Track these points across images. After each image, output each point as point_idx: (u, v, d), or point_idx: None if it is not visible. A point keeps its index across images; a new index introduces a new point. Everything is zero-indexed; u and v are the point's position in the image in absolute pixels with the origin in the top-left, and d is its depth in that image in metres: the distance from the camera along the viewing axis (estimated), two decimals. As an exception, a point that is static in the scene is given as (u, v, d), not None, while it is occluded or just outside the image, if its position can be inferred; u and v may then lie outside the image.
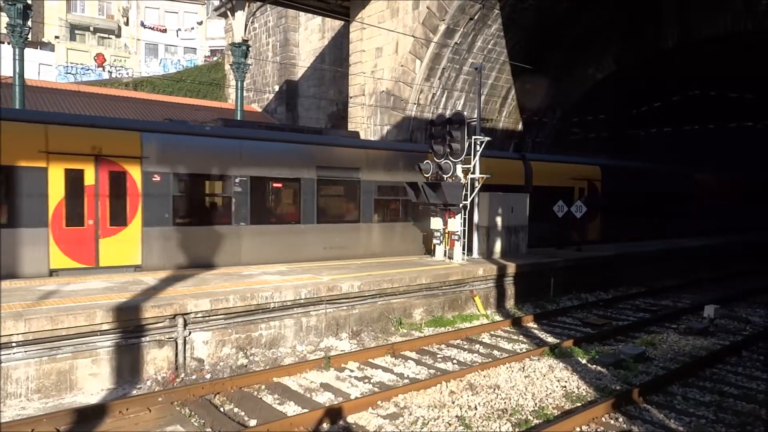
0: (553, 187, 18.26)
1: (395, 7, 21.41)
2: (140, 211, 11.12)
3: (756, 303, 14.46)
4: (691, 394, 7.66)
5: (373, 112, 22.52)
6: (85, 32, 55.64)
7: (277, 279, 10.44)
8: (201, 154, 12.02)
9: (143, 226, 11.17)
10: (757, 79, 23.42)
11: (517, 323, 11.49)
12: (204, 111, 35.99)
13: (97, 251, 10.83)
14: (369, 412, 6.80)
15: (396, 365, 8.76)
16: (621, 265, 16.57)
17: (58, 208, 10.41)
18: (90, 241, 10.77)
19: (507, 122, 24.16)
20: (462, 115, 13.64)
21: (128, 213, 11.05)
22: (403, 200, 14.87)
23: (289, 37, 36.92)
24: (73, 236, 10.59)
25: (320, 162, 13.52)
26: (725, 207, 26.41)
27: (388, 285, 10.81)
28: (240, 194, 12.29)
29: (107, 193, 10.84)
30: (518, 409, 6.98)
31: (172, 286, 9.39)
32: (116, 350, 7.65)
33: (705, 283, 17.46)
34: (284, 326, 9.44)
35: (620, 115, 26.25)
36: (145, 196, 11.15)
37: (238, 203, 12.27)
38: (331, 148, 14.05)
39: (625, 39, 22.02)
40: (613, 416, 6.81)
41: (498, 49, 21.43)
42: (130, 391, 7.50)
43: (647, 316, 12.61)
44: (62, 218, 10.45)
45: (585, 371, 8.53)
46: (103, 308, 7.56)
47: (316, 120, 35.53)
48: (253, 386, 7.63)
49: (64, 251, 10.53)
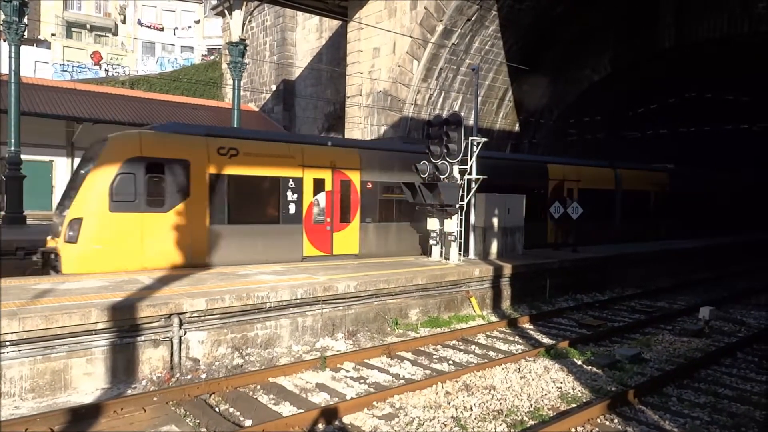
0: (637, 190, 21.63)
1: (393, 7, 21.42)
2: (359, 211, 14.15)
3: (750, 305, 14.52)
4: (686, 395, 7.69)
5: (370, 113, 22.52)
6: (81, 30, 55.47)
7: (273, 279, 10.43)
8: (395, 167, 14.80)
9: (360, 223, 14.19)
10: (753, 82, 23.51)
11: (513, 324, 11.51)
12: (201, 110, 35.93)
13: (332, 243, 13.79)
14: (364, 413, 6.79)
15: (392, 366, 8.76)
16: (616, 266, 16.62)
17: (309, 208, 13.29)
18: (328, 234, 13.73)
19: (504, 123, 24.21)
20: (459, 116, 13.64)
21: (351, 213, 14.05)
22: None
23: (287, 37, 36.88)
24: (318, 231, 13.51)
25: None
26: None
27: (385, 285, 10.81)
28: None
29: (339, 196, 13.79)
30: (514, 410, 6.98)
31: (168, 286, 9.37)
32: (111, 349, 7.62)
33: (700, 284, 17.52)
34: (280, 326, 9.43)
35: (617, 117, 26.33)
36: (362, 199, 14.18)
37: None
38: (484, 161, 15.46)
39: (622, 41, 22.09)
40: (609, 417, 6.82)
41: (495, 50, 21.47)
42: (125, 390, 7.47)
43: (642, 317, 12.64)
44: (311, 216, 13.35)
45: (580, 372, 8.55)
46: (98, 307, 7.53)
47: (312, 120, 35.51)
48: (248, 386, 7.62)
49: (312, 242, 13.43)
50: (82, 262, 10.46)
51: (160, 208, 11.08)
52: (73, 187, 11.37)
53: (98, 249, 10.56)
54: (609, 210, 20.63)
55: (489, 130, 22.83)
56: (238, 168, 12.00)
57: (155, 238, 11.02)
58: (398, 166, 14.83)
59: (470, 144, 13.64)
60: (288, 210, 12.93)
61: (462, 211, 13.78)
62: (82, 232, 10.38)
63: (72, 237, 10.40)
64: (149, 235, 10.96)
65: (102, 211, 10.55)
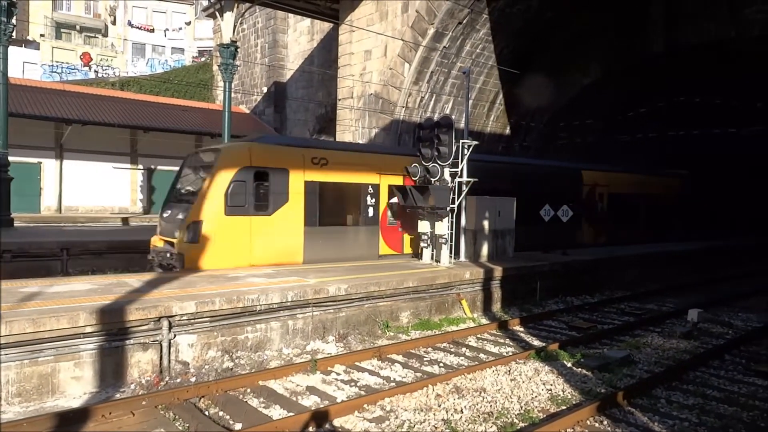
0: (655, 194, 23.22)
1: (384, 10, 21.46)
2: None
3: (738, 307, 14.65)
4: (675, 397, 7.74)
5: (361, 115, 22.53)
6: (71, 31, 55.12)
7: (263, 281, 10.39)
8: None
9: None
10: (741, 86, 23.75)
11: (503, 326, 11.54)
12: (191, 112, 35.77)
13: (402, 243, 15.15)
14: (355, 416, 6.78)
15: (382, 368, 8.76)
16: (606, 268, 16.71)
17: (384, 212, 14.57)
18: (400, 235, 15.07)
19: (495, 126, 24.30)
20: (450, 119, 13.68)
21: None
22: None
23: (278, 39, 36.84)
24: (391, 232, 14.86)
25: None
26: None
27: (375, 288, 10.80)
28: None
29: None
30: (504, 413, 7.00)
31: (157, 289, 9.31)
32: (100, 353, 7.56)
33: (688, 287, 17.65)
34: (270, 329, 9.40)
35: (607, 120, 26.50)
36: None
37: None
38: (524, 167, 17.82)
39: (612, 45, 22.25)
40: (598, 419, 6.85)
41: (486, 53, 21.55)
42: (113, 394, 7.41)
43: (632, 319, 12.72)
44: (386, 219, 14.61)
45: (570, 374, 8.58)
46: (86, 310, 7.47)
47: (303, 122, 35.46)
48: (238, 389, 7.58)
49: (386, 242, 14.74)
50: (201, 259, 11.70)
51: (265, 211, 12.43)
52: (179, 193, 13.19)
53: (215, 248, 11.82)
54: (634, 212, 22.11)
55: (480, 133, 22.90)
56: (328, 175, 13.34)
57: (261, 239, 12.39)
58: None
59: (461, 147, 13.68)
60: (367, 213, 14.32)
61: (453, 213, 13.81)
62: (202, 233, 11.65)
63: (193, 237, 11.66)
64: (256, 236, 12.32)
65: (219, 214, 11.81)
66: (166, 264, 12.06)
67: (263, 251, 12.42)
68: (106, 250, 15.72)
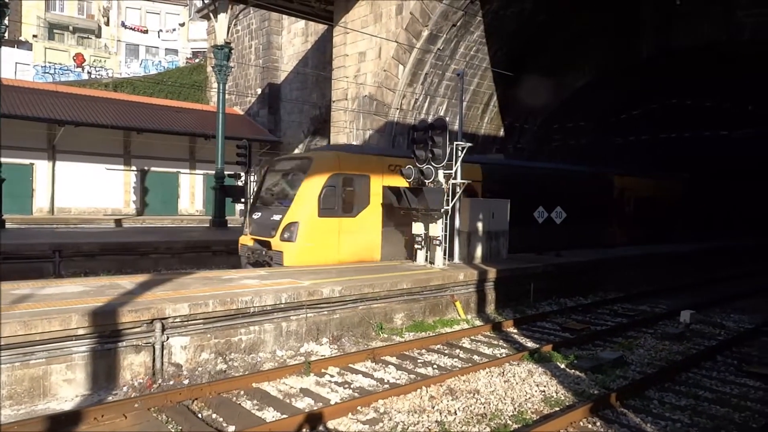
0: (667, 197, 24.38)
1: (379, 12, 21.48)
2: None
3: (730, 308, 14.73)
4: (667, 398, 7.78)
5: (355, 117, 22.54)
6: (64, 32, 54.87)
7: (257, 283, 10.37)
8: (510, 179, 17.49)
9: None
10: (733, 90, 23.92)
11: (497, 328, 11.56)
12: (185, 113, 35.68)
13: None
14: (349, 418, 6.77)
15: (376, 370, 8.75)
16: (600, 270, 16.77)
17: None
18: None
19: (489, 128, 24.35)
20: (444, 121, 13.68)
21: None
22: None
23: (272, 40, 36.81)
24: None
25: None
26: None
27: (369, 290, 10.79)
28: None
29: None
30: (497, 414, 7.01)
31: (151, 290, 9.28)
32: (92, 355, 7.52)
33: (681, 288, 17.74)
34: (264, 331, 9.38)
35: (600, 123, 26.62)
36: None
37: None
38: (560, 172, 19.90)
39: (605, 48, 22.36)
40: (591, 420, 6.88)
41: (480, 55, 21.61)
42: (105, 397, 7.37)
43: (625, 321, 12.77)
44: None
45: (564, 376, 8.61)
46: (78, 312, 7.43)
47: (298, 124, 35.44)
48: (231, 392, 7.55)
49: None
50: (299, 256, 12.88)
51: (351, 213, 13.73)
52: (269, 196, 14.39)
53: (310, 246, 13.01)
54: (652, 213, 23.30)
55: (474, 135, 22.94)
56: (401, 181, 14.22)
57: (347, 238, 13.66)
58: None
59: (455, 149, 13.70)
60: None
61: (447, 215, 13.83)
62: (299, 233, 12.85)
63: (290, 237, 12.88)
64: (343, 235, 13.62)
65: (313, 216, 13.05)
66: (262, 261, 13.35)
67: (349, 249, 13.74)
68: (99, 252, 15.66)
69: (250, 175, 19.40)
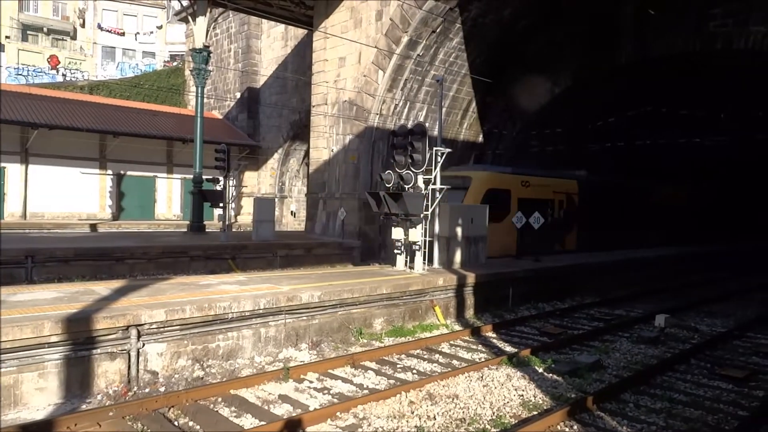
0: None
1: (359, 17, 21.52)
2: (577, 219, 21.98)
3: (703, 312, 15.01)
4: (643, 401, 7.89)
5: (335, 122, 22.52)
6: (38, 33, 53.89)
7: (235, 288, 10.28)
8: (603, 192, 23.27)
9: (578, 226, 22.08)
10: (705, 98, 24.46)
11: (476, 333, 11.61)
12: (162, 117, 35.27)
13: (565, 241, 21.52)
14: (328, 424, 6.74)
15: (356, 376, 8.72)
16: (577, 275, 16.98)
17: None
18: (575, 237, 21.89)
19: (468, 134, 24.52)
20: (424, 126, 13.76)
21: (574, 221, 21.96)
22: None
23: (252, 44, 36.63)
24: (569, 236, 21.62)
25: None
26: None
27: (349, 295, 10.78)
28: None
29: (563, 208, 21.36)
30: (476, 419, 7.04)
31: (126, 296, 9.13)
32: (65, 363, 7.36)
33: (657, 293, 18.03)
34: (242, 337, 9.29)
35: (577, 129, 26.97)
36: (579, 212, 21.96)
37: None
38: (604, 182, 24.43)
39: (583, 56, 22.69)
40: (568, 424, 6.94)
41: (459, 62, 21.77)
42: (79, 405, 7.22)
43: (601, 325, 12.93)
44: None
45: (541, 380, 8.68)
46: (51, 319, 7.27)
47: (277, 128, 35.26)
48: (209, 399, 7.46)
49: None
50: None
51: (498, 220, 17.54)
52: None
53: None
54: (672, 217, 27.15)
55: (453, 141, 23.08)
56: (530, 193, 18.66)
57: (496, 238, 17.21)
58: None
59: (434, 154, 13.78)
60: (551, 218, 19.96)
61: (426, 220, 13.87)
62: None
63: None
64: (493, 236, 16.86)
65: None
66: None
67: (497, 247, 17.24)
68: (74, 257, 15.35)
69: (229, 179, 19.24)
